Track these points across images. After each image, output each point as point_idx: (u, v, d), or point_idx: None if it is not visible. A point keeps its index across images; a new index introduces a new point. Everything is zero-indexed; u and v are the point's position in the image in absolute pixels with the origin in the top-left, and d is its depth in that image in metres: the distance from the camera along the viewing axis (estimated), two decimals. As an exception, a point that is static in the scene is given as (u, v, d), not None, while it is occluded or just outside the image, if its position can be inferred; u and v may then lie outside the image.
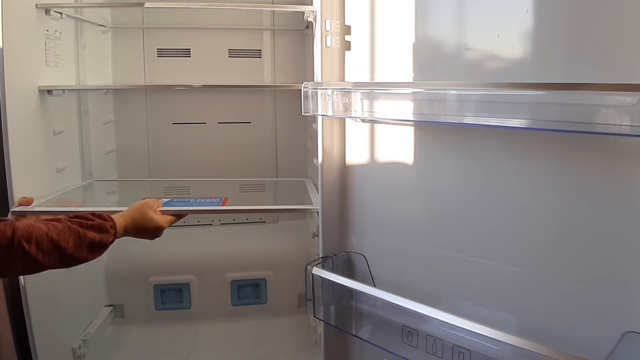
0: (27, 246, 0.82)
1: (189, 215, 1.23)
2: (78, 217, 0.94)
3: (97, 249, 0.94)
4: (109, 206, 1.37)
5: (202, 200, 1.34)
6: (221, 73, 1.85)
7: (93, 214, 0.97)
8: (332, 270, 1.22)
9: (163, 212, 1.14)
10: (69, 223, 0.91)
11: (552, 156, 0.86)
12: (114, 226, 0.97)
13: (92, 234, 0.92)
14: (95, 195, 1.69)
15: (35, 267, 0.86)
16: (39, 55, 1.33)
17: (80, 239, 0.90)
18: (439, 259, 1.07)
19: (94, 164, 1.67)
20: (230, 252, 1.80)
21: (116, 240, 0.99)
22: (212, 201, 1.32)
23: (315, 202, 1.34)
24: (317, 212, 1.29)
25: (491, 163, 0.95)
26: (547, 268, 0.88)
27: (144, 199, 1.18)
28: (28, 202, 1.20)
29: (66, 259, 0.89)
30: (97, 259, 0.97)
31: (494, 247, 0.96)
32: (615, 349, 0.77)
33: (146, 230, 1.08)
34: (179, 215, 1.17)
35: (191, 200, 1.34)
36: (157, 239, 1.12)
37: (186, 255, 1.78)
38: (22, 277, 1.18)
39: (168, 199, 1.28)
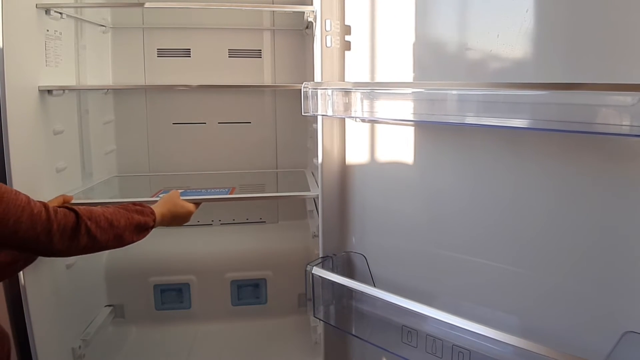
0: (89, 223, 0.95)
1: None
2: (122, 205, 1.09)
3: (141, 230, 1.07)
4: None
5: (213, 190, 1.51)
6: (221, 73, 1.85)
7: (134, 203, 1.11)
8: (332, 270, 1.22)
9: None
10: (117, 208, 1.05)
11: (551, 156, 0.86)
12: (152, 212, 1.11)
13: (137, 217, 1.06)
14: (121, 189, 1.80)
15: (95, 244, 0.97)
16: (39, 55, 1.33)
17: (128, 220, 1.03)
18: (439, 259, 1.07)
19: (94, 164, 1.67)
20: (230, 252, 1.80)
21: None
22: (221, 191, 1.50)
23: (315, 191, 1.41)
24: (318, 211, 1.29)
25: (491, 163, 0.95)
26: (547, 268, 0.88)
27: (161, 190, 1.41)
28: (68, 200, 1.30)
29: (118, 238, 1.01)
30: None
31: (494, 247, 0.96)
32: (615, 349, 0.77)
33: (179, 215, 1.21)
34: (197, 203, 1.31)
35: (203, 190, 1.51)
36: (155, 240, 1.21)
37: (186, 255, 1.78)
38: (22, 277, 1.18)
39: (183, 190, 1.43)
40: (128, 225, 1.02)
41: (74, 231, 0.93)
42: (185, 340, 1.70)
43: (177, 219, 1.22)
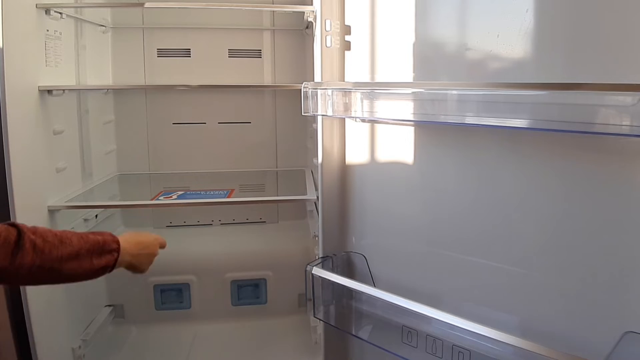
0: (33, 237, 0.82)
1: (190, 214, 1.29)
2: None
3: (102, 251, 0.91)
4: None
5: (212, 192, 1.51)
6: (221, 73, 1.85)
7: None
8: (332, 270, 1.22)
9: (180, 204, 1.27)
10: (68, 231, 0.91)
11: (552, 156, 0.86)
12: (110, 234, 0.96)
13: (92, 236, 0.91)
14: (123, 188, 1.80)
15: (45, 262, 0.84)
16: (39, 55, 1.33)
17: (82, 238, 0.89)
18: (439, 259, 1.07)
19: (94, 164, 1.67)
20: (230, 252, 1.80)
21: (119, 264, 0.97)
22: (220, 193, 1.51)
23: (313, 194, 1.44)
24: (318, 211, 1.29)
25: (491, 163, 0.95)
26: (547, 268, 0.88)
27: (161, 192, 1.42)
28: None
29: (74, 258, 0.87)
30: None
31: (494, 247, 0.96)
32: (615, 349, 0.77)
33: (143, 242, 1.06)
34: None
35: (202, 192, 1.51)
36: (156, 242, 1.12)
37: (186, 255, 1.78)
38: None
39: (182, 192, 1.44)
40: (83, 244, 0.88)
41: (17, 246, 0.81)
42: (185, 340, 1.70)
43: (142, 246, 1.04)
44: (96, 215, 1.64)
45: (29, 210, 1.24)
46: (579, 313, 0.84)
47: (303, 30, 1.81)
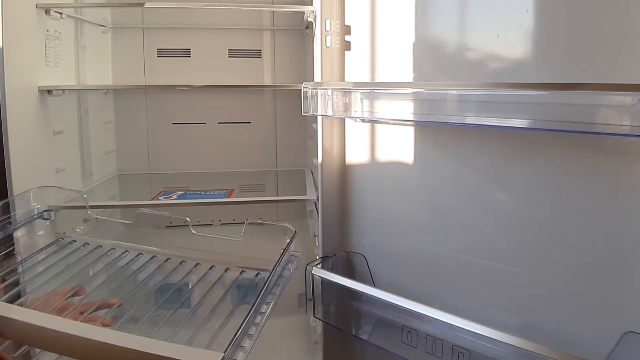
0: None
1: (190, 214, 1.30)
2: None
3: None
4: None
5: (212, 192, 1.52)
6: (221, 73, 1.85)
7: None
8: (332, 270, 1.22)
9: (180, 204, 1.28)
10: None
11: (551, 156, 0.86)
12: None
13: None
14: (123, 188, 1.80)
15: None
16: (39, 55, 1.33)
17: None
18: (439, 259, 1.07)
19: (94, 164, 1.67)
20: (230, 252, 1.80)
21: None
22: (220, 193, 1.52)
23: (313, 194, 1.44)
24: (317, 211, 1.29)
25: (490, 163, 0.95)
26: (547, 268, 0.88)
27: (161, 192, 1.41)
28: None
29: None
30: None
31: (494, 247, 0.96)
32: (615, 349, 0.77)
33: None
34: None
35: (202, 192, 1.52)
36: (155, 240, 1.15)
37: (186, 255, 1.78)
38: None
39: (182, 192, 1.45)
40: None
41: None
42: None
43: None
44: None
45: (29, 210, 1.24)
46: (579, 313, 0.84)
47: (303, 30, 1.81)
